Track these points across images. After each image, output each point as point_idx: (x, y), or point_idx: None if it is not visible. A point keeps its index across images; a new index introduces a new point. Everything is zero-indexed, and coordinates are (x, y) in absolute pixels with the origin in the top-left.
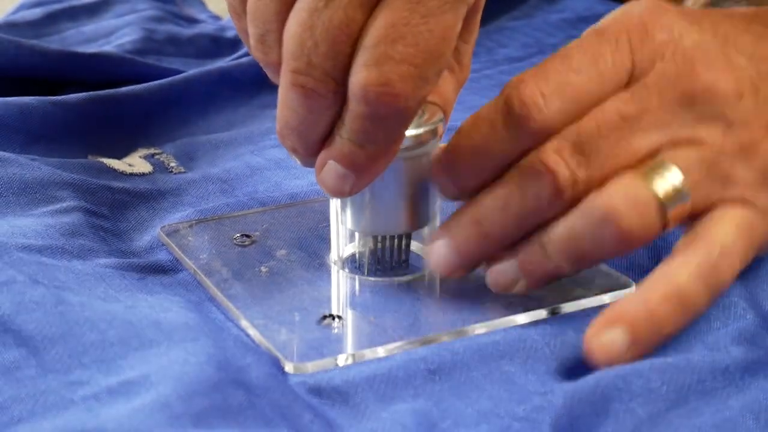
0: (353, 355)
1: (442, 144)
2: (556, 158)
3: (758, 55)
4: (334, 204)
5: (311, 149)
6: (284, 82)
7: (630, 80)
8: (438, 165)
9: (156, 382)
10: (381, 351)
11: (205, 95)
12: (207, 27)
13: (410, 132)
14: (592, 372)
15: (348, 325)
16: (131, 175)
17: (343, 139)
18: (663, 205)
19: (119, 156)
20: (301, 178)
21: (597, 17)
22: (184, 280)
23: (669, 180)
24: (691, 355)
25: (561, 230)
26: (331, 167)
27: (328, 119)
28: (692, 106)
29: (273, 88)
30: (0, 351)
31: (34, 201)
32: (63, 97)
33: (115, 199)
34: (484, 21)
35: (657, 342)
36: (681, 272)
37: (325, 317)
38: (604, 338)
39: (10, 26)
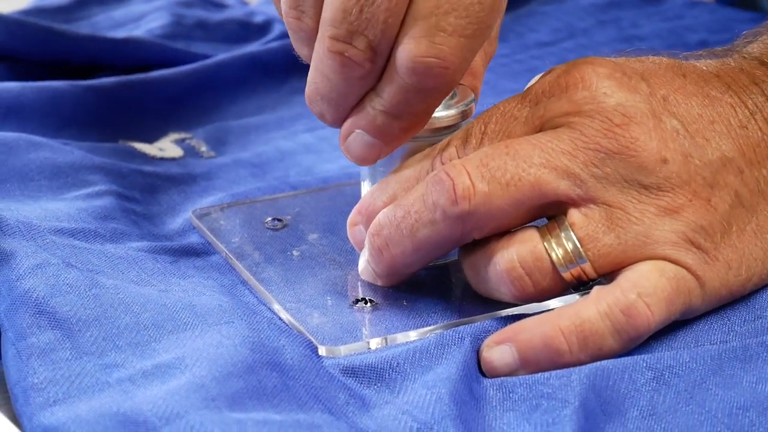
0: (386, 339)
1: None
2: (460, 168)
3: (701, 120)
4: (366, 188)
5: (341, 116)
6: (320, 48)
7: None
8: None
9: (191, 365)
10: (413, 335)
11: (235, 80)
12: (235, 12)
13: (443, 114)
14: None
15: (380, 309)
16: (162, 159)
17: (376, 111)
18: (557, 266)
19: (150, 140)
20: (332, 162)
21: (627, 3)
22: (217, 263)
23: (565, 243)
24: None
25: (466, 271)
26: (358, 136)
27: (362, 89)
28: (605, 164)
29: (303, 72)
30: (35, 333)
31: (66, 185)
32: (94, 81)
33: (147, 183)
34: (515, 5)
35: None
36: (590, 308)
37: (357, 301)
38: (494, 353)
39: (40, 12)
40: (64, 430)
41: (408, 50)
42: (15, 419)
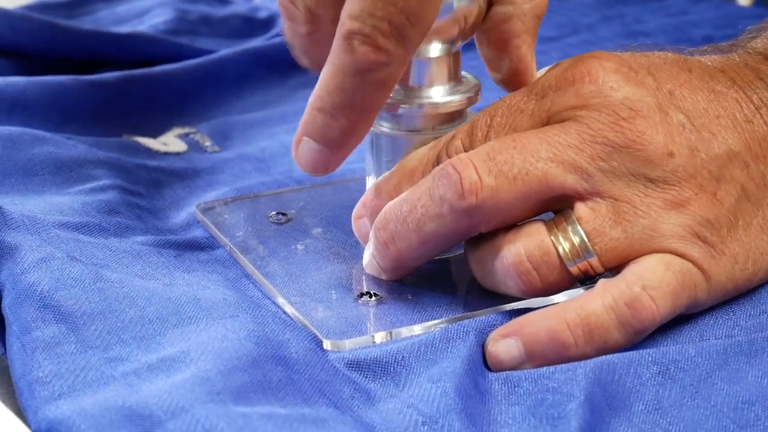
0: (390, 333)
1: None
2: (467, 162)
3: (706, 114)
4: (371, 182)
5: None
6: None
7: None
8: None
9: (196, 358)
10: (418, 329)
11: (239, 75)
12: (239, 7)
13: (449, 99)
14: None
15: (385, 303)
16: (166, 154)
17: (314, 110)
18: (564, 260)
19: (154, 135)
20: None
21: None
22: (221, 257)
23: (572, 237)
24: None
25: (472, 265)
26: (305, 144)
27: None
28: (612, 157)
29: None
30: (40, 327)
31: (70, 179)
32: (98, 76)
33: (151, 178)
34: None
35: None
36: (595, 301)
37: (362, 295)
38: (499, 346)
39: (44, 7)
40: (69, 423)
41: (342, 29)
42: (20, 413)
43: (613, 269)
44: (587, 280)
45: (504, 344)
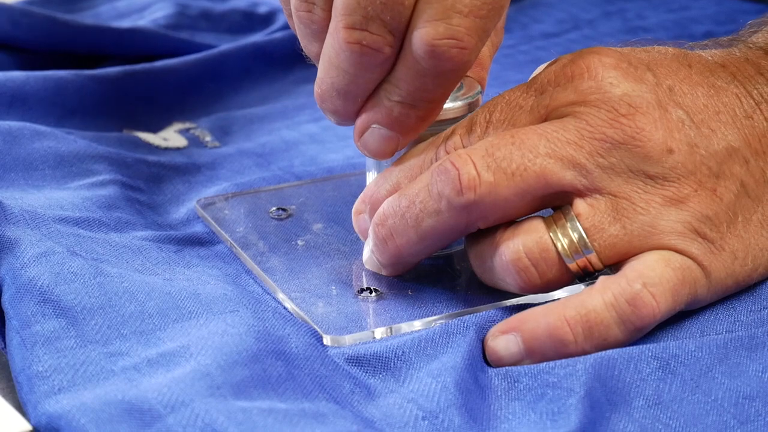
0: (390, 329)
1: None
2: (465, 158)
3: (706, 110)
4: (371, 178)
5: (355, 109)
6: (335, 41)
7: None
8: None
9: (196, 353)
10: (418, 324)
11: (239, 70)
12: (239, 2)
13: (450, 105)
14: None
15: (385, 299)
16: (166, 149)
17: (392, 102)
18: (563, 257)
19: (154, 130)
20: (336, 152)
21: None
22: (221, 252)
23: (571, 233)
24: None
25: (472, 261)
26: (375, 131)
27: (377, 78)
28: (611, 154)
29: (306, 63)
30: (40, 321)
31: (71, 174)
32: (99, 71)
33: (151, 173)
34: None
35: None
36: (595, 298)
37: (362, 290)
38: (499, 342)
39: (45, 2)
40: (68, 418)
41: (425, 33)
42: (20, 407)
43: (612, 266)
44: (586, 276)
45: (504, 340)
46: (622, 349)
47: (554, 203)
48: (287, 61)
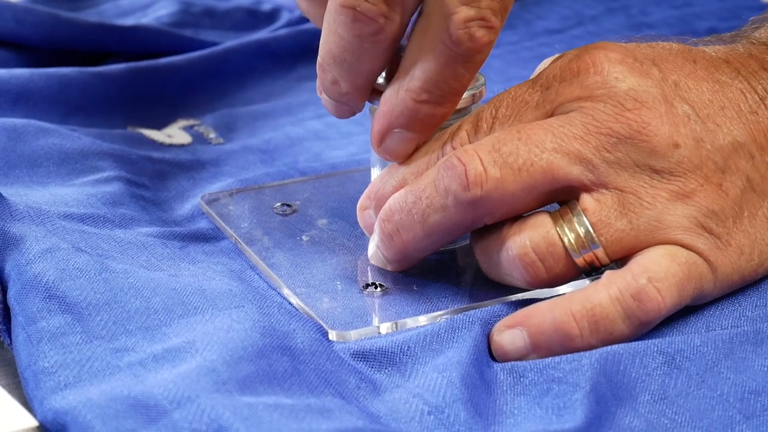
0: (396, 324)
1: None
2: (472, 153)
3: (711, 105)
4: (376, 173)
5: (355, 83)
6: (332, 4)
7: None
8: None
9: (201, 349)
10: (423, 319)
11: (243, 67)
12: (243, 0)
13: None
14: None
15: (390, 294)
16: (171, 146)
17: (418, 104)
18: (570, 252)
19: (159, 127)
20: (341, 149)
21: None
22: (226, 248)
23: (577, 228)
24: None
25: (478, 256)
26: (397, 135)
27: (377, 50)
28: (617, 148)
29: (311, 59)
30: (45, 317)
31: (75, 171)
32: (103, 68)
33: (156, 170)
34: None
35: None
36: (601, 293)
37: (367, 286)
38: (505, 337)
39: None
40: (74, 413)
41: (459, 18)
42: (26, 403)
43: (619, 261)
44: (593, 271)
45: (509, 335)
46: (628, 344)
47: (560, 198)
48: (291, 58)
